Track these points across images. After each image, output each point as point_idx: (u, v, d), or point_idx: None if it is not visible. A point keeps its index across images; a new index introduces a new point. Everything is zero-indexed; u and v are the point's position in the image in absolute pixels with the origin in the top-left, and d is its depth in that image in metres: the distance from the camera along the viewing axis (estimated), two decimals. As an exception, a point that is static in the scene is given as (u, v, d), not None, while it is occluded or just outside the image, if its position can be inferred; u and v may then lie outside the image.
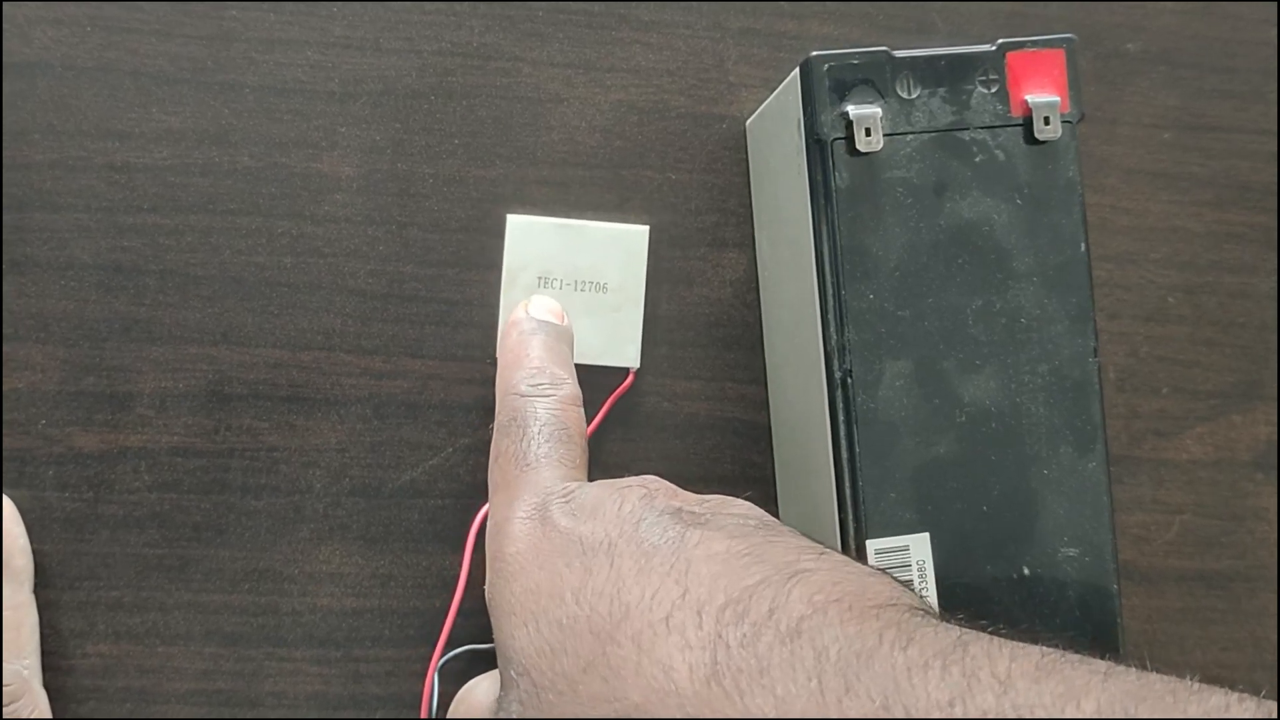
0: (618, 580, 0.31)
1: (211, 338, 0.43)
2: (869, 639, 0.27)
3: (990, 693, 0.25)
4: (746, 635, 0.28)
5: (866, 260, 0.37)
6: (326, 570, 0.44)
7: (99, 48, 0.43)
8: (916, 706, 0.26)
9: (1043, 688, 0.25)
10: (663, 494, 0.34)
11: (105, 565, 0.43)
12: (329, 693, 0.44)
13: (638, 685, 0.29)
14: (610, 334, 0.44)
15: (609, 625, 0.30)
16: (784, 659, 0.27)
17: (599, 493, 0.34)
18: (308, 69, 0.44)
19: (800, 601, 0.29)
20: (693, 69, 0.46)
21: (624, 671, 0.29)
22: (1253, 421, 0.48)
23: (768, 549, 0.31)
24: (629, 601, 0.30)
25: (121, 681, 0.43)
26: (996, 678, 0.26)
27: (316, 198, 0.44)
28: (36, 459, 0.43)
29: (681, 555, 0.31)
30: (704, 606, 0.29)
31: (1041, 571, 0.37)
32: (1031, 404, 0.37)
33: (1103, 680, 0.25)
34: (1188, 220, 0.48)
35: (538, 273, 0.43)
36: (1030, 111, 0.38)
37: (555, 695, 0.30)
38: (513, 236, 0.44)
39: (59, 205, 0.43)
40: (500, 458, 0.37)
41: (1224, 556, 0.48)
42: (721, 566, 0.30)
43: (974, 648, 0.27)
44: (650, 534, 0.32)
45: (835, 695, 0.26)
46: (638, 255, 0.44)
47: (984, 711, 0.25)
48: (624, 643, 0.29)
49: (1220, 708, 0.24)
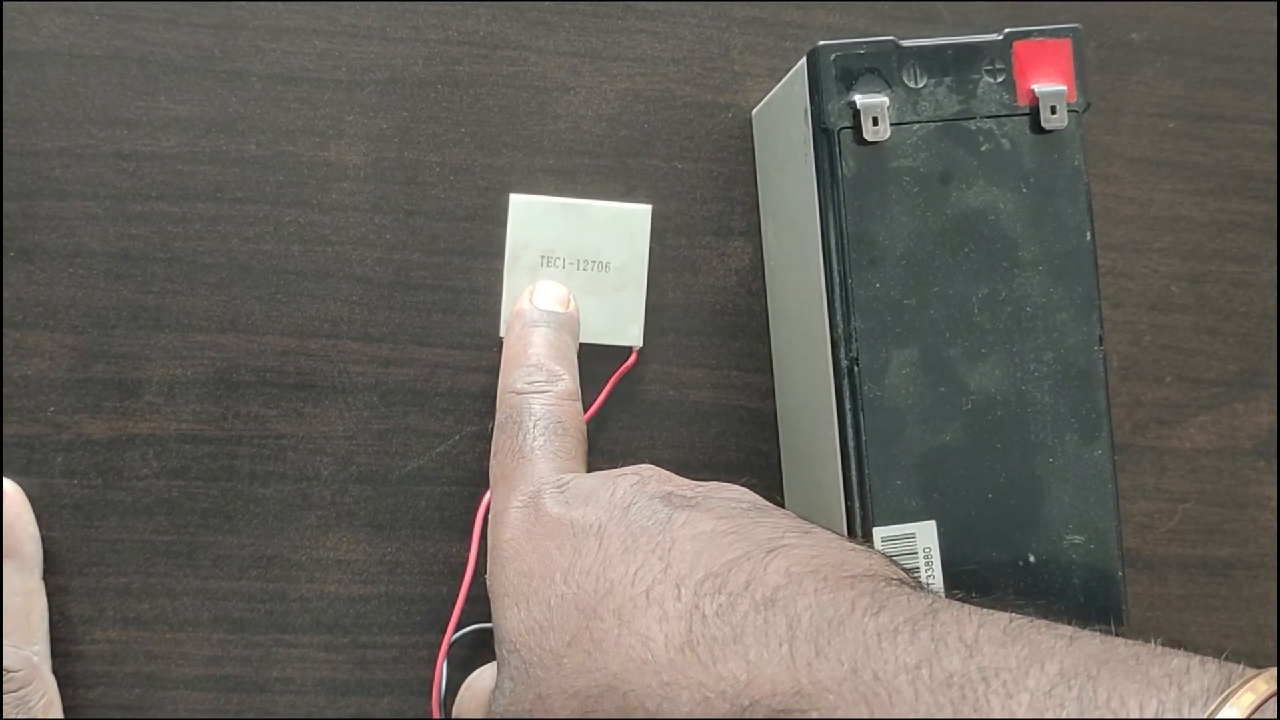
0: (604, 559, 0.32)
1: (219, 325, 0.44)
2: (841, 607, 0.28)
3: (957, 656, 0.26)
4: (723, 605, 0.29)
5: (873, 249, 0.37)
6: (334, 557, 0.44)
7: (107, 36, 0.43)
8: (885, 670, 0.26)
9: (1008, 651, 0.26)
10: (655, 480, 0.35)
11: (114, 551, 0.43)
12: (336, 678, 0.44)
13: (617, 655, 0.30)
14: (613, 313, 0.44)
15: (593, 601, 0.31)
16: (757, 627, 0.28)
17: (593, 482, 0.35)
18: (315, 57, 0.44)
19: (777, 573, 0.30)
20: (698, 58, 0.46)
21: (605, 644, 0.30)
22: (1255, 410, 0.48)
23: (753, 528, 0.32)
24: (613, 579, 0.31)
25: (130, 667, 0.43)
26: (964, 642, 0.27)
27: (324, 186, 0.44)
28: (45, 446, 0.43)
29: (667, 535, 0.32)
30: (684, 580, 0.30)
31: (1047, 558, 0.37)
32: (1037, 392, 0.38)
33: (1068, 644, 0.26)
34: (1191, 209, 0.49)
35: (540, 252, 0.44)
36: (1036, 101, 0.38)
37: (542, 670, 0.31)
38: (515, 216, 0.44)
39: (67, 193, 0.43)
40: (499, 453, 0.38)
41: (1226, 544, 0.48)
42: (705, 544, 0.31)
43: (944, 614, 0.28)
44: (639, 517, 0.33)
45: (805, 659, 0.27)
46: (640, 234, 0.44)
47: (950, 673, 0.26)
48: (606, 617, 0.31)
49: (1181, 670, 0.25)
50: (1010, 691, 0.25)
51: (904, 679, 0.26)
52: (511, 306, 0.43)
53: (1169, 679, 0.24)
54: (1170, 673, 0.25)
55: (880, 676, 0.26)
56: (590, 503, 0.34)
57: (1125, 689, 0.24)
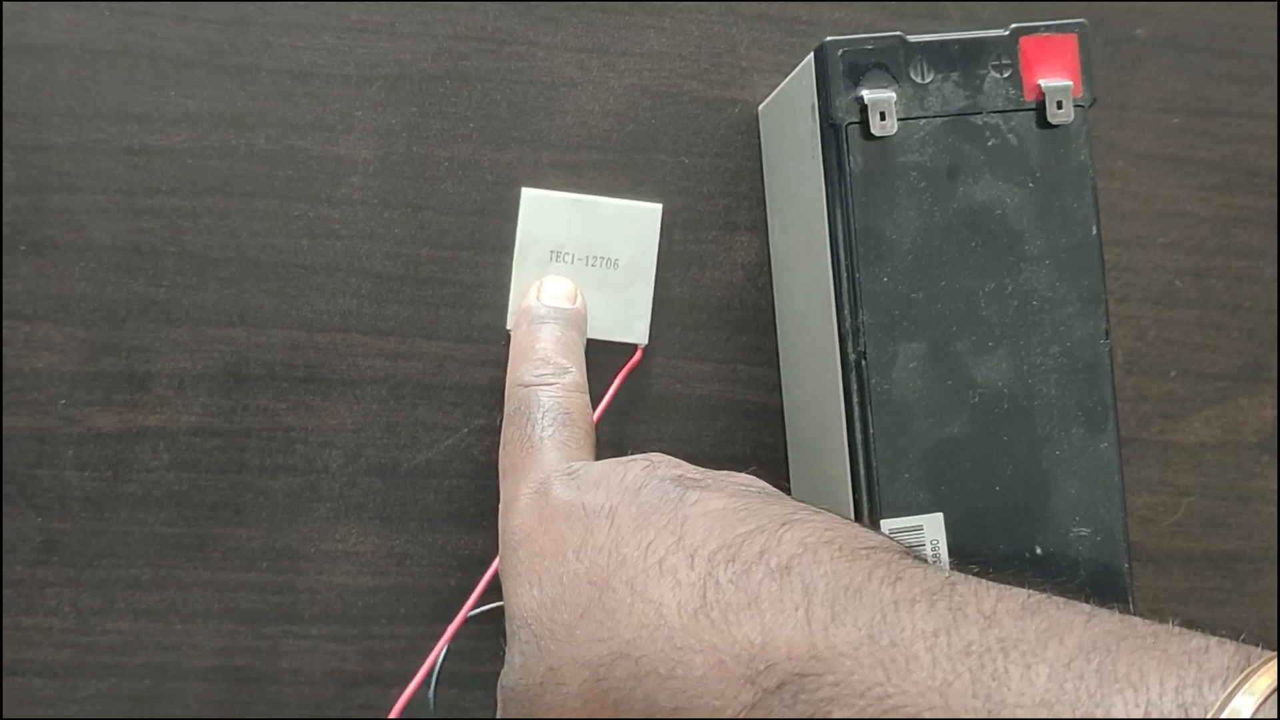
0: (616, 536, 0.32)
1: (229, 319, 0.44)
2: (858, 575, 0.28)
3: (975, 626, 0.26)
4: (737, 572, 0.29)
5: (880, 243, 0.37)
6: (343, 549, 0.44)
7: (117, 31, 0.43)
8: (902, 637, 0.26)
9: (1026, 623, 0.26)
10: (665, 465, 0.35)
11: (124, 543, 0.43)
12: (345, 669, 0.44)
13: (629, 624, 0.30)
14: (620, 310, 0.44)
15: (605, 574, 0.31)
16: (772, 592, 0.28)
17: (602, 467, 0.35)
18: (324, 53, 0.44)
19: (791, 543, 0.30)
20: (705, 53, 0.46)
21: (618, 613, 0.30)
22: (1259, 404, 0.49)
23: (764, 506, 0.32)
24: (625, 553, 0.31)
25: (140, 658, 0.43)
26: (982, 613, 0.27)
27: (333, 180, 0.44)
28: (56, 439, 0.43)
29: (679, 511, 0.32)
30: (697, 550, 0.30)
31: (1053, 551, 0.38)
32: (1043, 385, 0.38)
33: (1086, 620, 0.26)
34: (1195, 204, 0.49)
35: (550, 247, 0.44)
36: (1043, 96, 0.38)
37: (554, 643, 0.31)
38: (527, 210, 0.44)
39: (78, 187, 0.43)
40: (508, 444, 0.38)
41: (1230, 538, 0.48)
42: (716, 520, 0.31)
43: (961, 587, 0.28)
44: (650, 496, 0.33)
45: (821, 624, 0.27)
46: (650, 233, 0.44)
47: (968, 642, 0.26)
48: (619, 588, 0.31)
49: (1200, 649, 0.25)
50: (1029, 662, 0.25)
51: (921, 645, 0.26)
52: (519, 300, 0.43)
53: (1188, 657, 0.24)
54: (1189, 651, 0.25)
55: (898, 643, 0.26)
56: (600, 487, 0.34)
57: (1144, 664, 0.24)
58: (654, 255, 0.44)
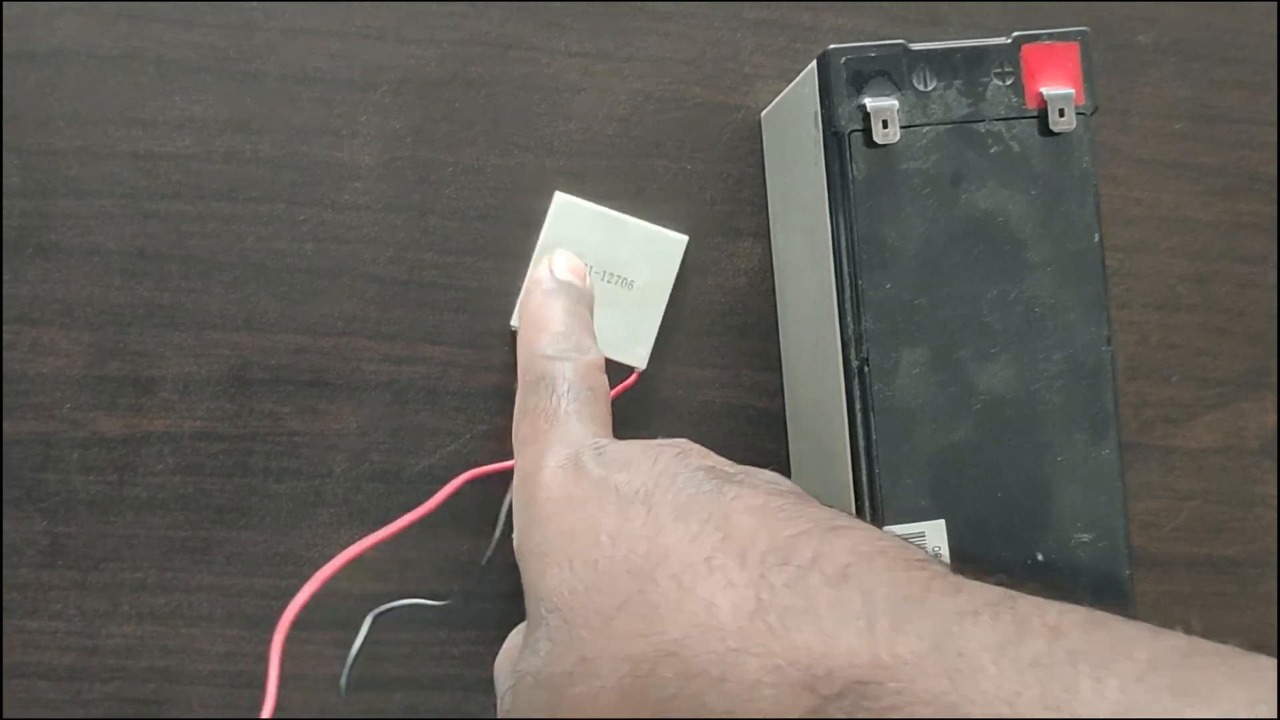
0: (655, 525, 0.31)
1: (234, 323, 0.44)
2: (916, 586, 0.28)
3: (1041, 639, 0.26)
4: (791, 577, 0.28)
5: (883, 250, 0.38)
6: (347, 553, 0.44)
7: (123, 36, 0.44)
8: (967, 648, 0.26)
9: (1093, 637, 0.26)
10: (695, 454, 0.34)
11: (129, 547, 0.44)
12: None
13: (677, 621, 0.29)
14: (626, 331, 0.44)
15: (647, 565, 0.30)
16: (831, 599, 0.28)
17: (632, 449, 0.34)
18: (329, 58, 0.44)
19: (844, 551, 0.29)
20: (709, 59, 0.46)
21: (663, 609, 0.29)
22: (1261, 409, 0.49)
23: (802, 507, 0.31)
24: (667, 544, 0.30)
25: (145, 662, 0.44)
26: (1047, 626, 0.26)
27: (337, 185, 0.44)
28: (61, 442, 0.43)
29: (720, 505, 0.31)
30: (746, 551, 0.29)
31: (1056, 557, 0.38)
32: (1046, 391, 0.38)
33: (1152, 636, 0.26)
34: (1198, 210, 0.49)
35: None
36: (1045, 103, 0.38)
37: (588, 631, 0.30)
38: (556, 214, 0.44)
39: (84, 192, 0.43)
40: (529, 413, 0.37)
41: (1232, 543, 0.48)
42: (759, 519, 0.30)
43: (1022, 601, 0.27)
44: (687, 486, 0.32)
45: (884, 634, 0.27)
46: (671, 262, 0.44)
47: (1036, 654, 0.25)
48: (663, 581, 0.30)
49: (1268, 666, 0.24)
50: (1099, 675, 0.24)
51: (987, 657, 0.25)
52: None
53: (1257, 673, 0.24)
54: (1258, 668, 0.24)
55: (963, 653, 0.26)
56: (631, 469, 0.33)
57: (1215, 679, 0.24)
58: (670, 284, 0.44)
